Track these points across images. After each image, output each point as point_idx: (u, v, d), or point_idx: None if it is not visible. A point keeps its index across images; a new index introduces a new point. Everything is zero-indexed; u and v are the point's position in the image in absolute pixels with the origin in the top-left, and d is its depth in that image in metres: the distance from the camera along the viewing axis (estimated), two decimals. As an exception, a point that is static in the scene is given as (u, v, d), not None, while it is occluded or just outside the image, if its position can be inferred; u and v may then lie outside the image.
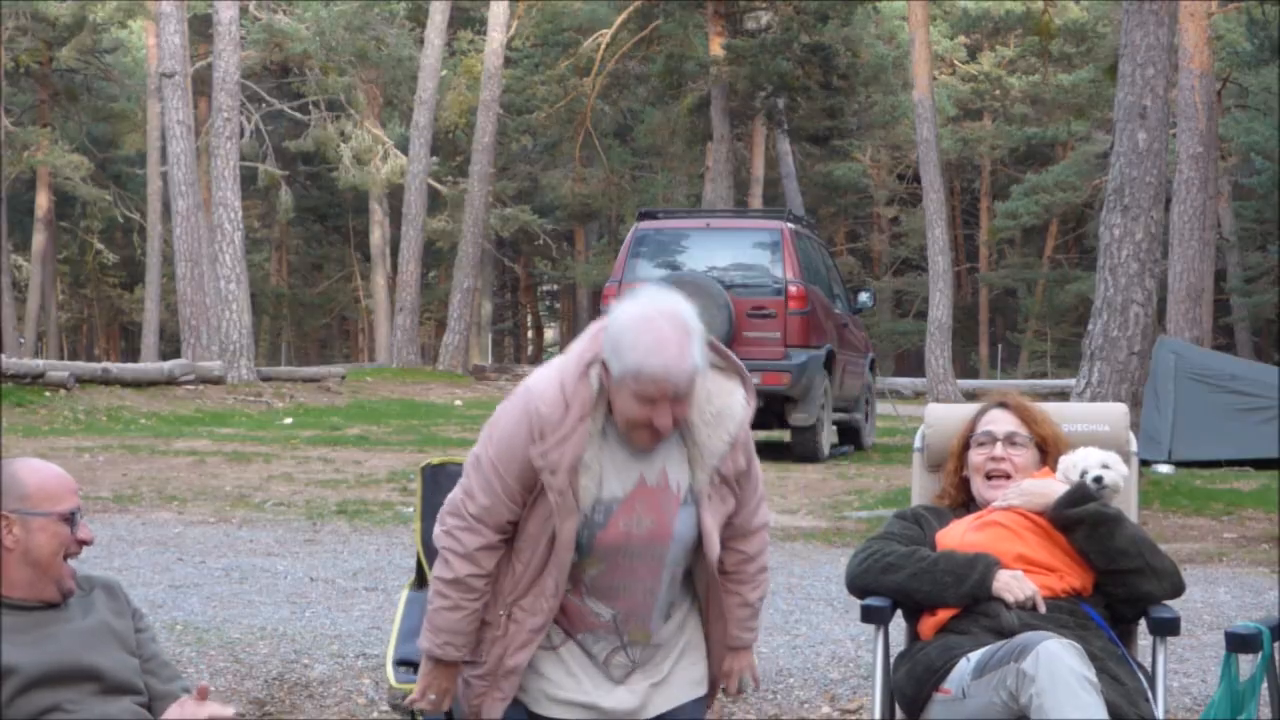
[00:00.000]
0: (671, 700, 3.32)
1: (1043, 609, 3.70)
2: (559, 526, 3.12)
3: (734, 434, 3.21)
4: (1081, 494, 3.81)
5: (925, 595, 3.77)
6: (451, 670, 3.26)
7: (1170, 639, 3.78)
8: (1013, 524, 3.86)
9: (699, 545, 3.26)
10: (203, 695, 3.18)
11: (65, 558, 3.17)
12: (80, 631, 3.17)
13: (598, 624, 3.24)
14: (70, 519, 3.15)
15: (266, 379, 23.14)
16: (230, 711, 3.14)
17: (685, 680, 3.36)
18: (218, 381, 21.09)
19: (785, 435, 14.18)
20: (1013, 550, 3.81)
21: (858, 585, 3.89)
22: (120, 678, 3.16)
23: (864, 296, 16.04)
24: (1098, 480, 3.91)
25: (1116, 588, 3.82)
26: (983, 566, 3.75)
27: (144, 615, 3.37)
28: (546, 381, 3.16)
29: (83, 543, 3.19)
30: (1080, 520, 3.77)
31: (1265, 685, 3.74)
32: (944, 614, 3.78)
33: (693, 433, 3.19)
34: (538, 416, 3.10)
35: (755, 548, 3.37)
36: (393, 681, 3.81)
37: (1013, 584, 3.72)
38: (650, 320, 3.05)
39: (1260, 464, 12.92)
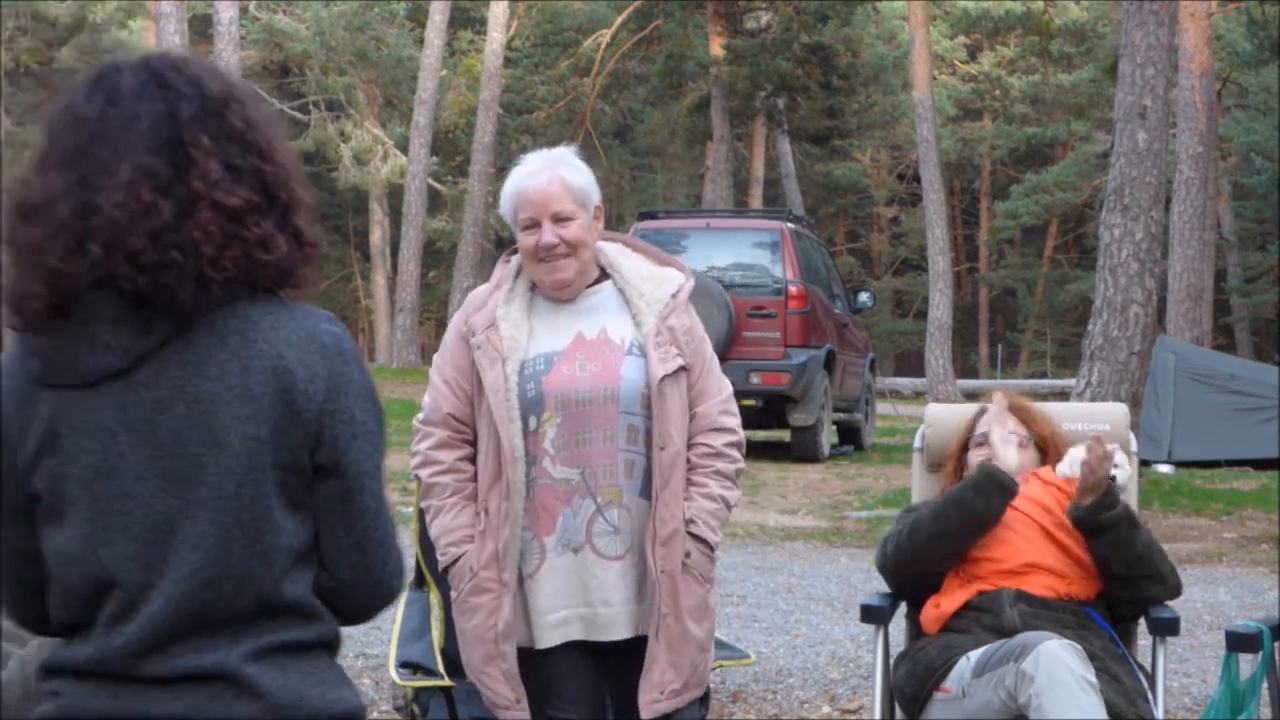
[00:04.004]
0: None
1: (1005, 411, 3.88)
2: (485, 373, 3.25)
3: (675, 289, 3.37)
4: (1113, 498, 3.76)
5: (957, 522, 3.76)
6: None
7: (1170, 639, 3.78)
8: (1020, 527, 3.85)
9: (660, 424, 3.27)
10: None
11: None
12: None
13: (570, 492, 3.24)
14: None
15: (266, 379, 23.10)
16: None
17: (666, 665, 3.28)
18: (218, 381, 21.07)
19: (785, 435, 14.18)
20: (1019, 554, 3.80)
21: (899, 566, 3.86)
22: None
23: (864, 296, 16.04)
24: (1111, 478, 3.90)
25: (1125, 592, 3.81)
26: (983, 469, 3.79)
27: None
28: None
29: None
30: (1114, 524, 3.73)
31: (1265, 685, 3.74)
32: (948, 606, 3.77)
33: (635, 286, 3.37)
34: (468, 302, 3.42)
35: (722, 442, 3.35)
36: (396, 680, 3.81)
37: (999, 443, 3.84)
38: (523, 164, 3.38)
39: (1260, 464, 12.92)
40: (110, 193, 1.84)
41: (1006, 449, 3.84)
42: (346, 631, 1.97)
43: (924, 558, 3.80)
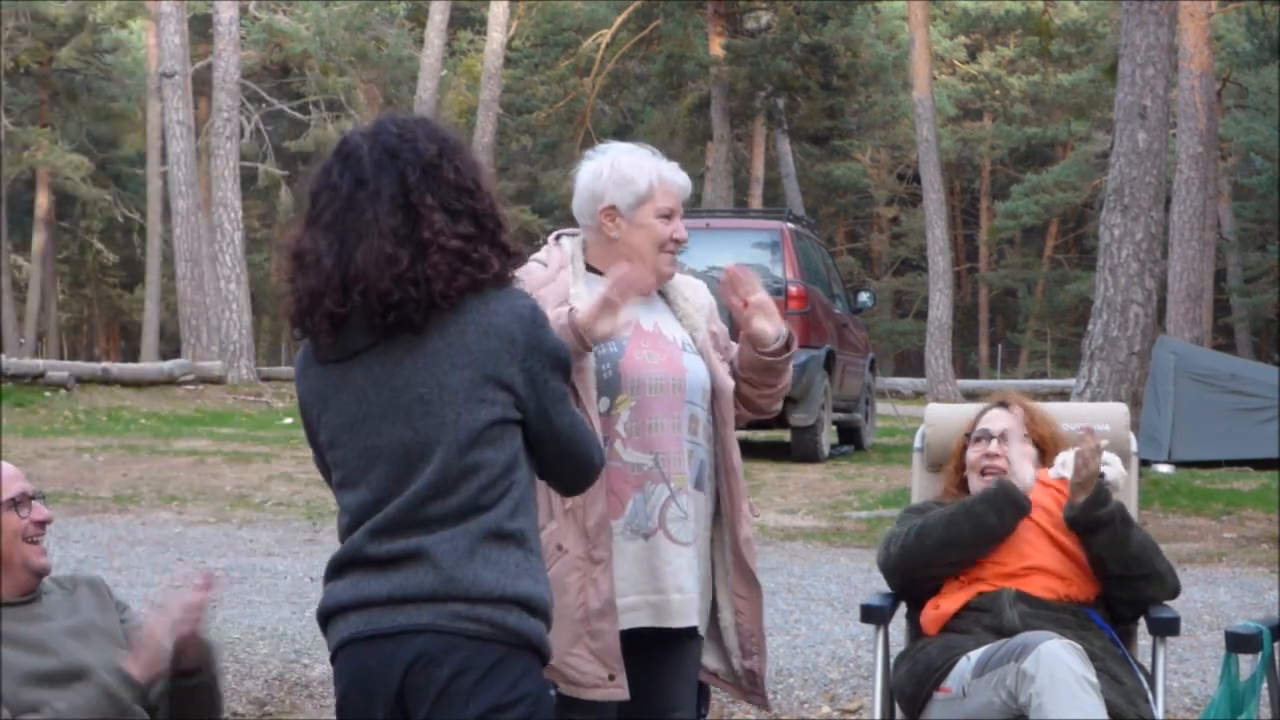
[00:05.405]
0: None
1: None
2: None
3: (709, 296, 3.50)
4: (1105, 496, 3.76)
5: (970, 535, 3.75)
6: None
7: (1170, 639, 3.78)
8: (1020, 529, 3.83)
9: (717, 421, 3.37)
10: (206, 584, 3.15)
11: (30, 541, 3.16)
12: (67, 631, 3.17)
13: (642, 477, 3.26)
14: (17, 504, 3.15)
15: (266, 379, 23.11)
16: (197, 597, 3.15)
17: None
18: (218, 381, 21.08)
19: (785, 435, 14.17)
20: (1020, 556, 3.79)
21: (902, 568, 3.85)
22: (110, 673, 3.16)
23: (864, 296, 16.03)
24: (1100, 475, 3.89)
25: (1123, 592, 3.81)
26: (999, 485, 3.76)
27: (128, 606, 3.38)
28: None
29: (41, 523, 3.18)
30: (1107, 521, 3.72)
31: (1265, 685, 3.74)
32: (948, 607, 3.77)
33: (678, 290, 3.44)
34: (527, 282, 3.27)
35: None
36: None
37: (1016, 459, 3.81)
38: (634, 151, 3.39)
39: (1260, 464, 12.91)
40: (362, 249, 2.53)
41: (1023, 465, 3.82)
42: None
43: (933, 563, 3.80)
